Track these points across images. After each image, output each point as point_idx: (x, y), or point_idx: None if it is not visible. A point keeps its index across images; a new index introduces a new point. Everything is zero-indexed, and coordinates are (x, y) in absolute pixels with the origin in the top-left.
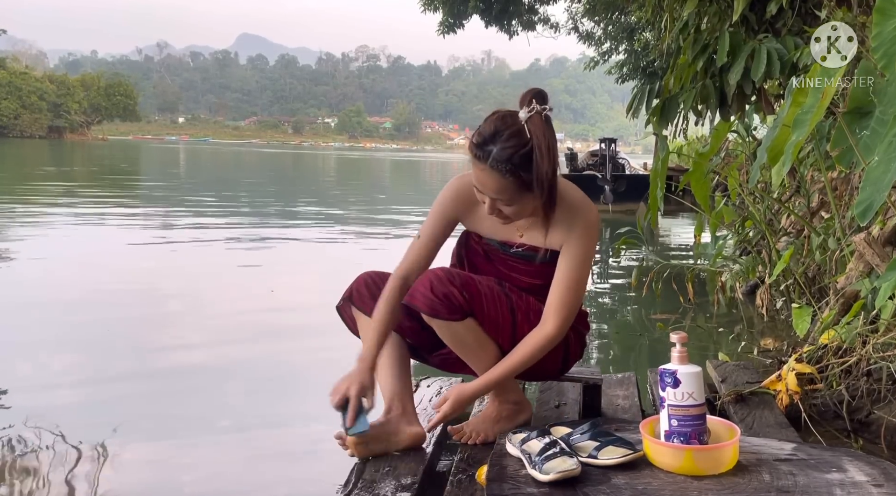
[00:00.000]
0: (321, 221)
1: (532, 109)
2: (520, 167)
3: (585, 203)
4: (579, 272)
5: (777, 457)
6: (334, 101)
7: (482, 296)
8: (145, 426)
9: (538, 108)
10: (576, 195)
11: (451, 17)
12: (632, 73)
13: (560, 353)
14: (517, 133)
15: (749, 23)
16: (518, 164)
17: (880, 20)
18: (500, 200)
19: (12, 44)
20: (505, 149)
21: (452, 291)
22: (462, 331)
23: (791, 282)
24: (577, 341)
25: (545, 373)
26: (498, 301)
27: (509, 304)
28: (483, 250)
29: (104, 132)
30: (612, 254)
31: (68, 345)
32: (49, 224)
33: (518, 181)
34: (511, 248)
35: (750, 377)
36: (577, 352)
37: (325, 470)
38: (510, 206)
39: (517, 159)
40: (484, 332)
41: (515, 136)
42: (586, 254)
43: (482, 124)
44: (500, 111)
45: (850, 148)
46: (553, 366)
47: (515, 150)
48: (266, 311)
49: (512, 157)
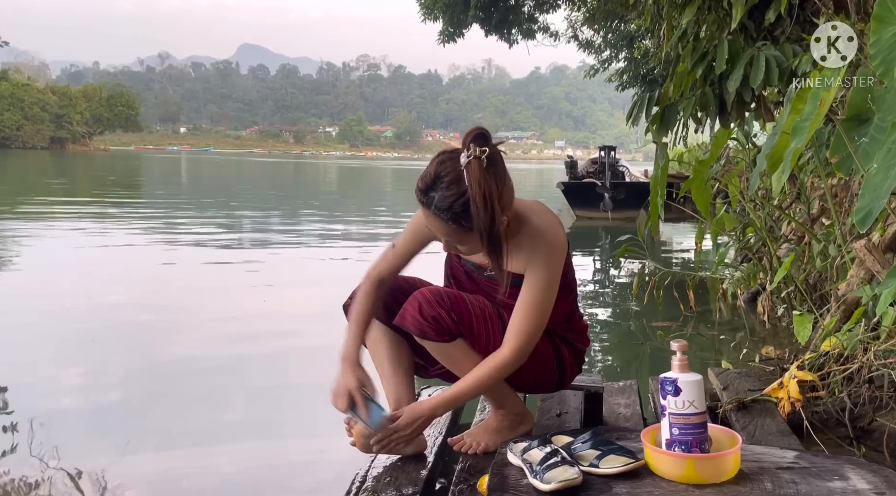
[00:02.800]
0: (321, 231)
1: (470, 154)
2: (460, 215)
3: (552, 228)
4: (539, 297)
5: (779, 465)
6: (335, 110)
7: (472, 316)
8: (146, 436)
9: (476, 153)
10: (543, 220)
11: (452, 27)
12: (632, 80)
13: (553, 370)
14: (455, 181)
15: (748, 30)
16: (458, 212)
17: (878, 27)
18: (451, 242)
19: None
20: (445, 198)
21: (441, 313)
22: (453, 350)
23: (792, 290)
24: (572, 357)
25: (542, 387)
26: (489, 321)
27: (501, 324)
28: (465, 270)
29: (106, 143)
30: (612, 262)
31: (70, 354)
32: (51, 234)
33: (460, 226)
34: (485, 271)
35: (751, 385)
36: (573, 367)
37: (326, 479)
38: (461, 244)
39: (457, 208)
40: (474, 351)
41: (454, 183)
42: (548, 280)
43: (427, 166)
44: (444, 153)
45: (850, 155)
46: (549, 382)
47: (455, 199)
48: (267, 320)
49: (452, 206)
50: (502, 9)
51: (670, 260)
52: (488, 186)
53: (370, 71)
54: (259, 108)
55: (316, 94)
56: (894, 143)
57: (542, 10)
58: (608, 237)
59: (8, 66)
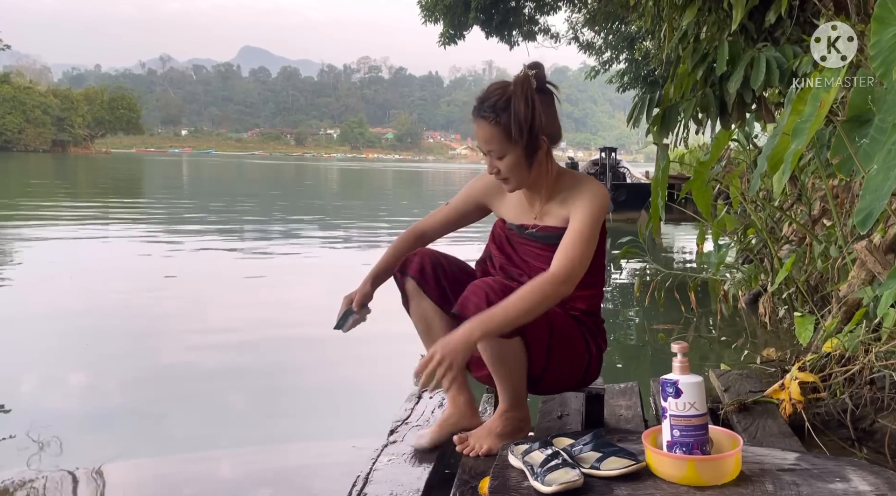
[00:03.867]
0: (323, 232)
1: (522, 71)
2: (503, 111)
3: (591, 180)
4: (586, 228)
5: (780, 467)
6: (336, 112)
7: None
8: (145, 440)
9: (526, 71)
10: (587, 179)
11: (452, 29)
12: (632, 81)
13: (582, 363)
14: (502, 86)
15: (748, 32)
16: (501, 108)
17: (879, 28)
18: (492, 153)
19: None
20: (490, 98)
21: None
22: (507, 349)
23: (793, 291)
24: (597, 356)
25: (568, 381)
26: (550, 326)
27: (547, 320)
28: (506, 235)
29: (108, 145)
30: (613, 263)
31: (70, 356)
32: (52, 236)
33: (502, 129)
34: (526, 229)
35: (753, 386)
36: (596, 367)
37: (327, 482)
38: (501, 158)
39: (501, 104)
40: (524, 352)
41: (500, 87)
42: (593, 215)
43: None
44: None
45: (850, 156)
46: (575, 376)
47: (498, 97)
48: (268, 324)
49: (496, 104)
50: (503, 11)
51: (671, 261)
52: (530, 91)
53: (371, 73)
54: (260, 111)
55: (317, 97)
56: (895, 144)
57: (542, 11)
58: (609, 238)
59: (10, 70)
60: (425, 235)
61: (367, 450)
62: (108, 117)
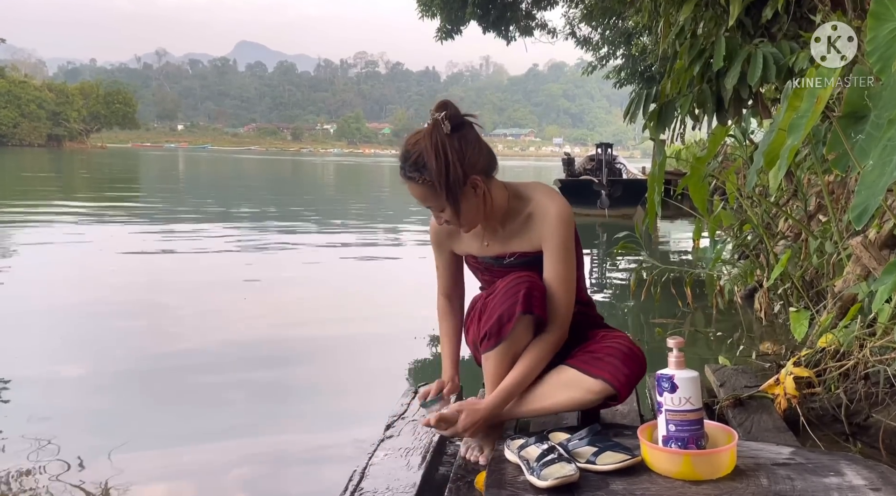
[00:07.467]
0: (321, 232)
1: (431, 119)
2: (423, 168)
3: (556, 201)
4: (562, 270)
5: (775, 461)
6: (333, 107)
7: None
8: (145, 434)
9: (434, 116)
10: (546, 195)
11: (449, 24)
12: (629, 77)
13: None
14: (417, 139)
15: (745, 28)
16: (421, 165)
17: (875, 24)
18: (432, 208)
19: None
20: (409, 156)
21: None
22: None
23: (789, 286)
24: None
25: None
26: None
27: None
28: (484, 267)
29: (103, 140)
30: (609, 259)
31: (68, 353)
32: (48, 233)
33: (429, 186)
34: (504, 259)
35: (748, 381)
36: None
37: (324, 476)
38: (442, 210)
39: (421, 162)
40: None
41: (415, 143)
42: (564, 250)
43: None
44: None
45: (846, 152)
46: None
47: (417, 155)
48: (265, 318)
49: (416, 162)
50: (500, 6)
51: (668, 257)
52: (441, 139)
53: (368, 68)
54: (256, 106)
55: (314, 92)
56: (890, 140)
57: (539, 6)
58: (605, 234)
59: (5, 64)
60: (451, 296)
61: (365, 445)
62: (103, 112)
